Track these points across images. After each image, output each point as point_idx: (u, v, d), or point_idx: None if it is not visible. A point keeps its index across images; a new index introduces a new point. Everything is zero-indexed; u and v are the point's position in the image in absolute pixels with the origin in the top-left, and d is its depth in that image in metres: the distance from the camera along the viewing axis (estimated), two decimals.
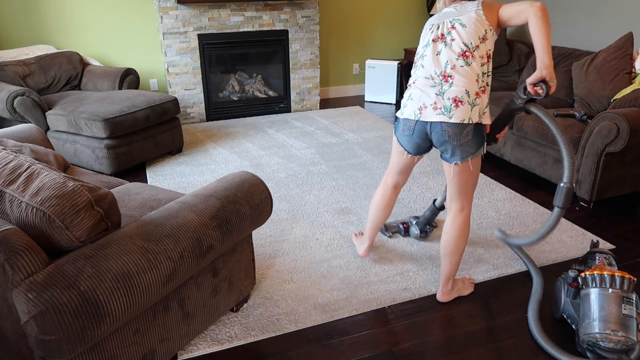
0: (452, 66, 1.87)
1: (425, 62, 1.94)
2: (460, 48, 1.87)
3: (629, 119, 2.68)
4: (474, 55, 1.87)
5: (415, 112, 1.93)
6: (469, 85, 1.85)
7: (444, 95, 1.87)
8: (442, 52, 1.90)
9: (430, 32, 1.96)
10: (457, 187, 2.00)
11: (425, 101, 1.90)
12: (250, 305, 2.13)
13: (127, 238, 1.46)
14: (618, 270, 1.83)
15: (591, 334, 1.75)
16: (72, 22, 4.37)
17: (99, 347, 1.45)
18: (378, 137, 4.29)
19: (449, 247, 2.07)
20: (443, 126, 1.87)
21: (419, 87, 1.94)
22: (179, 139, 3.86)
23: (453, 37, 1.89)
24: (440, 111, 1.87)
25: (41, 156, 2.10)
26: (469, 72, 1.86)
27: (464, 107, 1.85)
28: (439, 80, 1.89)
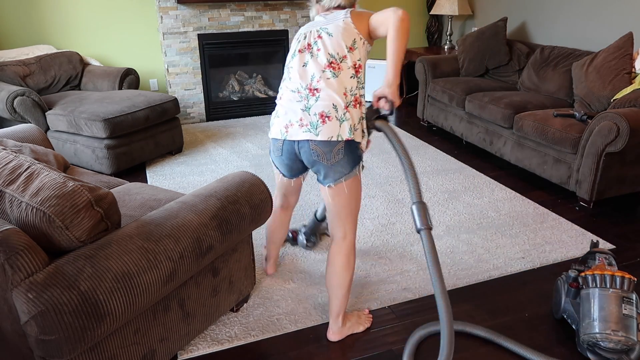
0: (319, 79, 1.73)
1: (292, 75, 1.79)
2: (326, 59, 1.73)
3: (629, 119, 2.68)
4: (340, 66, 1.73)
5: (282, 130, 1.78)
6: (336, 100, 1.71)
7: (310, 110, 1.71)
8: (309, 63, 1.76)
9: (298, 42, 1.82)
10: (336, 212, 1.82)
11: (292, 118, 1.75)
12: (250, 305, 2.13)
13: (127, 238, 1.46)
14: (618, 270, 1.83)
15: (591, 334, 1.75)
16: (72, 22, 4.37)
17: (99, 347, 1.45)
18: (378, 137, 4.28)
19: (333, 280, 1.86)
20: (311, 145, 1.71)
21: (284, 103, 1.79)
22: (179, 139, 3.86)
23: (319, 47, 1.76)
24: (306, 128, 1.71)
25: (41, 156, 2.10)
26: (336, 85, 1.72)
27: (332, 123, 1.69)
28: (305, 94, 1.74)
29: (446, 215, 2.90)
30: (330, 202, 1.81)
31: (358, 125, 1.75)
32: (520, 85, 4.01)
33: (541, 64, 3.83)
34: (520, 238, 2.65)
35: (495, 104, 3.56)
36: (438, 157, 3.81)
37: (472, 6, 5.21)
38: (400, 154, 1.76)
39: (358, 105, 1.76)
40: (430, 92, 4.39)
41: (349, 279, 1.87)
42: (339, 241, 1.86)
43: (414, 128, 4.57)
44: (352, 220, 1.85)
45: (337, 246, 1.86)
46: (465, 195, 3.16)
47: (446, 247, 2.57)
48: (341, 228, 1.84)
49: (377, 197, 3.13)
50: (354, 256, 1.88)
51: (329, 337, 1.95)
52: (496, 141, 3.63)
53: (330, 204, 1.82)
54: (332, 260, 1.86)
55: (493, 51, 4.24)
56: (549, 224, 2.79)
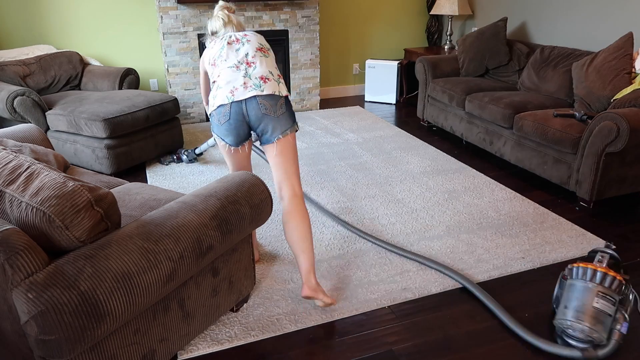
0: (253, 55, 2.05)
1: (227, 57, 2.05)
2: (257, 45, 2.09)
3: (629, 119, 2.68)
4: (269, 53, 2.11)
5: (228, 95, 1.96)
6: (271, 68, 2.04)
7: (251, 75, 1.99)
8: (241, 48, 2.07)
9: (222, 40, 2.11)
10: (285, 167, 2.03)
11: (235, 84, 1.97)
12: (250, 305, 2.13)
13: (127, 238, 1.46)
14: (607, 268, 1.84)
15: (561, 320, 1.84)
16: (72, 22, 4.37)
17: (99, 347, 1.45)
18: (378, 137, 4.29)
19: (296, 234, 1.98)
20: (258, 100, 1.95)
21: (224, 77, 2.01)
22: (179, 139, 3.86)
23: (249, 39, 2.10)
24: (251, 88, 1.96)
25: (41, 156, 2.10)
26: (269, 61, 2.07)
27: (272, 83, 1.99)
28: (243, 67, 2.01)
29: (446, 215, 2.90)
30: (278, 158, 2.02)
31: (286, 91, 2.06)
32: (520, 85, 4.01)
33: (541, 64, 3.83)
34: (520, 238, 2.65)
35: (495, 104, 3.56)
36: (438, 157, 3.81)
37: (472, 6, 5.21)
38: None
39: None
40: (430, 92, 4.39)
41: (310, 232, 2.02)
42: (291, 198, 2.03)
43: (414, 128, 4.58)
44: (298, 175, 2.07)
45: (291, 203, 2.02)
46: (465, 195, 3.16)
47: (446, 247, 2.57)
48: (290, 186, 2.04)
49: (377, 197, 3.13)
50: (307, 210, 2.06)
51: (304, 293, 1.98)
52: (496, 141, 3.63)
53: (280, 161, 2.02)
54: (290, 218, 2.00)
55: (493, 51, 4.24)
56: (549, 224, 2.79)
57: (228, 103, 1.96)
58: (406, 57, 5.55)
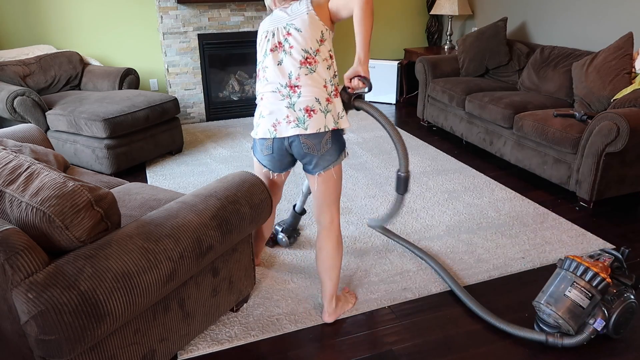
0: (297, 76, 1.78)
1: (269, 75, 1.82)
2: (301, 55, 1.77)
3: (629, 119, 2.68)
4: (316, 60, 1.79)
5: (270, 129, 1.81)
6: (318, 93, 1.78)
7: (295, 106, 1.77)
8: (284, 61, 1.80)
9: (267, 41, 1.83)
10: (324, 198, 1.92)
11: (278, 116, 1.79)
12: (250, 305, 2.13)
13: (127, 238, 1.46)
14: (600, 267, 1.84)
15: (535, 302, 1.92)
16: (72, 22, 4.37)
17: (99, 347, 1.45)
18: (378, 137, 4.29)
19: (326, 263, 1.96)
20: (301, 139, 1.78)
21: (268, 102, 1.82)
22: (179, 139, 3.86)
23: (291, 45, 1.79)
24: (294, 124, 1.77)
25: (41, 156, 2.10)
26: (316, 79, 1.78)
27: (318, 116, 1.77)
28: (286, 92, 1.78)
29: (446, 215, 2.90)
30: (318, 189, 1.91)
31: (342, 112, 1.85)
32: (520, 85, 4.01)
33: (541, 64, 3.83)
34: (520, 238, 2.65)
35: (495, 104, 3.56)
36: (438, 157, 3.81)
37: (472, 6, 5.21)
38: (386, 127, 1.92)
39: (338, 95, 1.86)
40: (430, 92, 4.39)
41: (340, 261, 1.98)
42: (327, 226, 1.95)
43: (414, 128, 4.58)
44: (337, 204, 1.97)
45: (326, 231, 1.95)
46: (465, 195, 3.16)
47: (446, 247, 2.57)
48: (328, 214, 1.95)
49: (377, 197, 3.13)
50: (341, 238, 2.00)
51: (325, 319, 2.04)
52: (496, 141, 3.63)
53: (318, 192, 1.91)
54: (323, 245, 1.96)
55: (493, 51, 4.24)
56: (549, 224, 2.79)
57: (270, 138, 1.83)
58: (406, 57, 5.55)
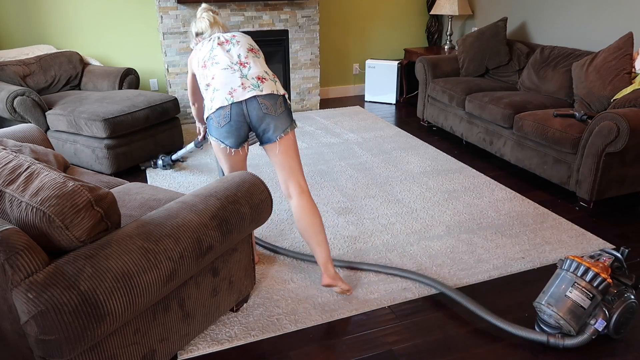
0: (245, 56, 2.05)
1: (219, 59, 2.04)
2: (247, 46, 2.09)
3: (629, 119, 2.68)
4: (259, 54, 2.12)
5: (227, 97, 1.95)
6: (265, 68, 2.06)
7: (248, 75, 1.99)
8: (232, 49, 2.07)
9: (210, 41, 2.11)
10: (290, 165, 2.05)
11: (233, 85, 1.96)
12: (250, 305, 2.13)
13: (127, 238, 1.46)
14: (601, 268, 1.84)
15: (537, 303, 1.92)
16: (72, 22, 4.37)
17: (99, 347, 1.45)
18: (378, 137, 4.29)
19: (310, 231, 2.05)
20: (259, 99, 1.95)
21: (220, 79, 1.99)
22: (179, 139, 3.86)
23: (238, 40, 2.10)
24: (250, 88, 1.96)
25: (41, 156, 2.10)
26: (261, 61, 2.08)
27: (269, 82, 2.00)
28: (237, 68, 2.01)
29: (446, 215, 2.90)
30: (282, 156, 2.03)
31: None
32: (520, 85, 4.01)
33: (541, 64, 3.83)
34: (520, 238, 2.65)
35: (495, 104, 3.56)
36: (438, 157, 3.81)
37: (472, 6, 5.21)
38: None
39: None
40: (430, 92, 4.39)
41: (321, 224, 2.08)
42: (299, 194, 2.07)
43: (414, 128, 4.58)
44: (302, 171, 2.10)
45: (299, 199, 2.06)
46: (465, 195, 3.16)
47: (446, 247, 2.57)
48: (296, 182, 2.07)
49: (377, 197, 3.13)
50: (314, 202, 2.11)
51: (324, 282, 2.07)
52: (496, 141, 3.63)
53: (283, 159, 2.04)
54: (301, 215, 2.05)
55: (493, 51, 4.24)
56: (549, 224, 2.79)
57: (228, 104, 1.95)
58: (406, 57, 5.55)
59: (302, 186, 2.08)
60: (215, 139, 2.04)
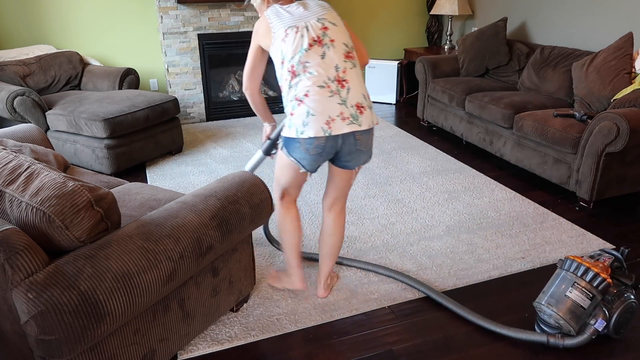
0: (344, 69, 1.74)
1: (313, 68, 1.72)
2: (343, 49, 1.75)
3: (629, 119, 2.68)
4: (354, 56, 1.80)
5: (324, 127, 1.71)
6: (363, 88, 1.79)
7: (347, 102, 1.73)
8: (327, 55, 1.73)
9: (300, 37, 1.73)
10: (347, 189, 2.00)
11: (331, 114, 1.71)
12: (250, 305, 2.13)
13: (127, 238, 1.46)
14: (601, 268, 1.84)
15: (536, 303, 1.91)
16: (72, 22, 4.37)
17: (99, 347, 1.45)
18: (378, 137, 4.28)
19: (335, 247, 2.07)
20: (356, 135, 1.76)
21: (316, 99, 1.71)
22: (179, 139, 3.86)
23: (332, 38, 1.75)
24: (349, 121, 1.73)
25: (41, 156, 2.10)
26: (359, 74, 1.78)
27: (367, 112, 1.77)
28: (335, 87, 1.72)
29: (446, 215, 2.90)
30: (344, 181, 1.95)
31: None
32: (520, 85, 4.01)
33: (541, 64, 3.83)
34: (520, 238, 2.65)
35: (495, 104, 3.56)
36: (438, 157, 3.81)
37: (472, 6, 5.21)
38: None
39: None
40: (430, 92, 4.39)
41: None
42: (339, 213, 2.05)
43: (414, 128, 4.58)
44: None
45: (338, 218, 2.05)
46: (465, 195, 3.16)
47: (446, 247, 2.57)
48: (342, 203, 2.05)
49: (377, 197, 3.13)
50: None
51: (320, 295, 2.15)
52: (496, 141, 3.63)
53: (343, 183, 1.96)
54: (335, 231, 2.05)
55: (493, 51, 4.24)
56: (549, 224, 2.79)
57: (324, 136, 1.72)
58: (406, 57, 5.55)
59: (344, 207, 2.06)
60: (293, 159, 1.82)
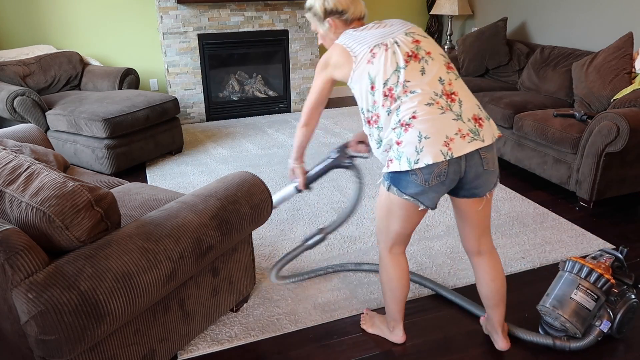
0: (449, 81, 1.53)
1: (415, 86, 1.50)
2: (442, 60, 1.56)
3: (629, 119, 2.68)
4: (454, 67, 1.61)
5: (443, 150, 1.45)
6: (475, 98, 1.56)
7: (462, 117, 1.49)
8: (427, 69, 1.52)
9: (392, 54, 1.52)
10: (487, 222, 1.68)
11: (448, 133, 1.46)
12: (250, 305, 2.13)
13: (127, 238, 1.46)
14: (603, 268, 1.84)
15: (541, 306, 1.89)
16: (72, 22, 4.37)
17: (99, 347, 1.45)
18: None
19: (502, 292, 1.77)
20: (481, 153, 1.50)
21: (426, 119, 1.47)
22: (179, 139, 3.86)
23: (428, 51, 1.55)
24: (470, 137, 1.47)
25: (41, 156, 2.10)
26: (463, 83, 1.57)
27: (486, 124, 1.53)
28: (445, 103, 1.49)
29: (446, 215, 2.90)
30: (481, 214, 1.64)
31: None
32: (520, 85, 4.01)
33: (541, 64, 3.83)
34: (520, 238, 2.65)
35: (495, 104, 3.56)
36: None
37: (472, 6, 5.21)
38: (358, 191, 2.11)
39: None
40: None
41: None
42: (490, 250, 1.74)
43: None
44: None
45: (491, 257, 1.75)
46: None
47: (446, 247, 2.57)
48: (489, 239, 1.73)
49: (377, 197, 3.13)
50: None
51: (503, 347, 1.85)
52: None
53: (481, 217, 1.65)
54: (495, 274, 1.74)
55: (493, 51, 4.24)
56: (549, 224, 2.79)
57: (445, 161, 1.46)
58: None
59: (492, 242, 1.74)
60: (408, 198, 1.55)
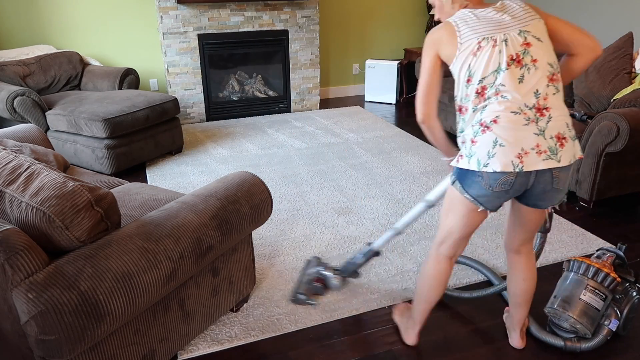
0: (545, 96, 1.48)
1: (508, 92, 1.47)
2: (548, 71, 1.49)
3: (629, 119, 2.68)
4: (559, 77, 1.53)
5: (515, 161, 1.45)
6: (567, 117, 1.51)
7: (545, 133, 1.46)
8: (526, 78, 1.48)
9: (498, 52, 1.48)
10: (537, 228, 1.73)
11: (524, 145, 1.45)
12: (250, 305, 2.13)
13: (127, 238, 1.46)
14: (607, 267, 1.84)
15: (549, 308, 1.90)
16: (72, 22, 4.37)
17: (99, 347, 1.45)
18: (378, 137, 4.29)
19: (530, 292, 1.82)
20: (553, 172, 1.49)
21: (507, 127, 1.46)
22: (179, 139, 3.86)
23: (534, 58, 1.48)
24: (546, 155, 1.45)
25: (41, 156, 2.10)
26: (562, 99, 1.52)
27: (569, 145, 1.49)
28: (532, 115, 1.46)
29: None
30: (535, 221, 1.70)
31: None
32: None
33: None
34: None
35: None
36: (438, 157, 3.81)
37: None
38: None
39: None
40: None
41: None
42: (530, 253, 1.80)
43: (414, 128, 4.57)
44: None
45: (530, 260, 1.80)
46: None
47: None
48: (532, 243, 1.81)
49: (377, 197, 3.13)
50: None
51: (518, 345, 1.90)
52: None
53: (533, 223, 1.70)
54: (528, 275, 1.80)
55: None
56: None
57: (514, 172, 1.46)
58: (406, 57, 5.55)
59: (532, 245, 1.82)
60: (469, 197, 1.57)
